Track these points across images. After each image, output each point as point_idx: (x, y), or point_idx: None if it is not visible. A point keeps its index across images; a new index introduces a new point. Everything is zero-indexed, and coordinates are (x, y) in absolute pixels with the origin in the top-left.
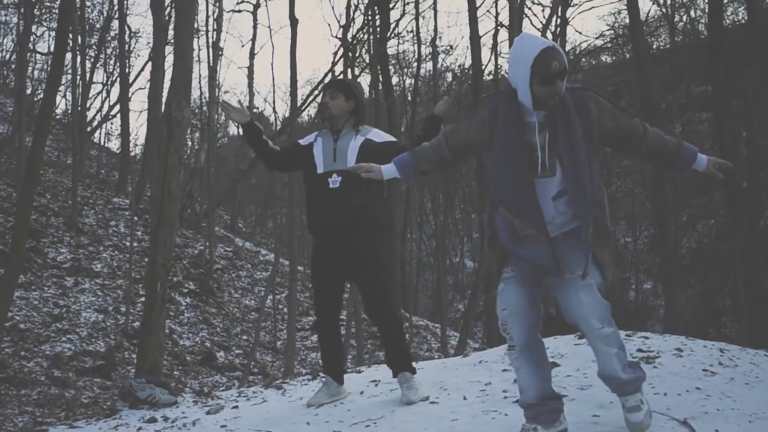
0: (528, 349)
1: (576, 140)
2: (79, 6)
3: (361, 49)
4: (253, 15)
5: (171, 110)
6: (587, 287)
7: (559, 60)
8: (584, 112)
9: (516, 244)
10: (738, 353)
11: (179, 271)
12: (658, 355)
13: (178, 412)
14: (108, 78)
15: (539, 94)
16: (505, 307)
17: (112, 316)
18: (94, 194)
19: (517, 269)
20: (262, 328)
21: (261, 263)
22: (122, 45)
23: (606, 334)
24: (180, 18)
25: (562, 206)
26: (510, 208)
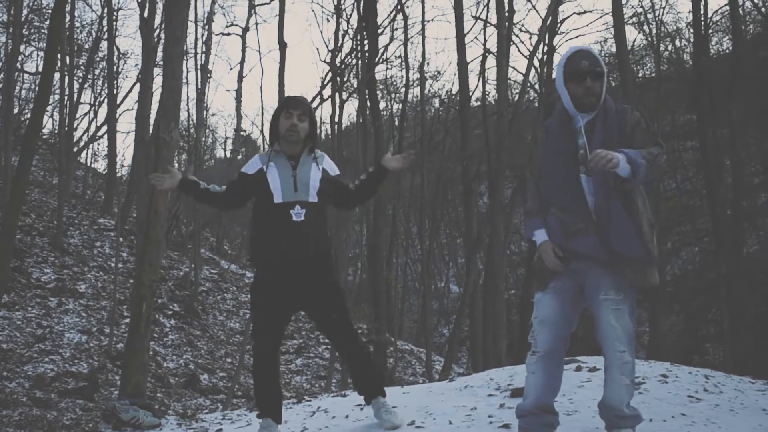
0: (547, 358)
1: (610, 141)
2: (68, 27)
3: (350, 74)
4: (242, 38)
5: (159, 132)
6: (617, 311)
7: (589, 59)
8: (622, 118)
9: (567, 238)
10: (723, 380)
11: (164, 293)
12: (644, 381)
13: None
14: (96, 99)
15: (574, 93)
16: (537, 316)
17: (95, 337)
18: (80, 215)
19: (557, 284)
20: (247, 351)
21: (246, 286)
22: (110, 66)
23: (626, 361)
24: (170, 41)
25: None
26: (560, 205)
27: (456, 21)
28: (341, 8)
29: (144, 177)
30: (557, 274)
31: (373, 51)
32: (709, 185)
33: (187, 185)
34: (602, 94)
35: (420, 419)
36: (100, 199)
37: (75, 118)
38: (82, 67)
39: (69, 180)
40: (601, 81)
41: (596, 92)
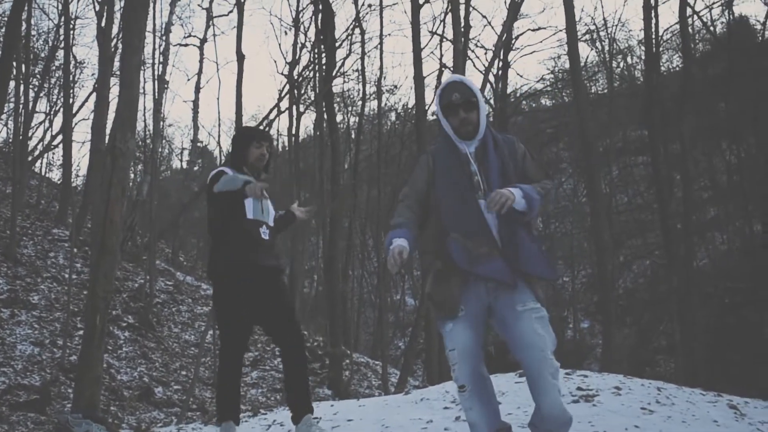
0: (477, 388)
1: (505, 167)
2: (25, 35)
3: (307, 87)
4: (200, 49)
5: (116, 141)
6: (541, 319)
7: (461, 91)
8: (511, 147)
9: (472, 263)
10: (675, 392)
11: (118, 305)
12: (597, 394)
13: None
14: (51, 108)
15: (452, 124)
16: (453, 347)
17: (48, 350)
18: (33, 224)
19: (467, 309)
20: (202, 363)
21: (202, 298)
22: (67, 75)
23: (556, 367)
24: (127, 50)
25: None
26: (461, 230)
27: (413, 36)
28: (299, 21)
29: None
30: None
31: (331, 64)
32: (660, 200)
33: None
34: (480, 122)
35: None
36: (55, 209)
37: (30, 127)
38: (37, 75)
39: (23, 189)
40: (477, 110)
41: (472, 121)
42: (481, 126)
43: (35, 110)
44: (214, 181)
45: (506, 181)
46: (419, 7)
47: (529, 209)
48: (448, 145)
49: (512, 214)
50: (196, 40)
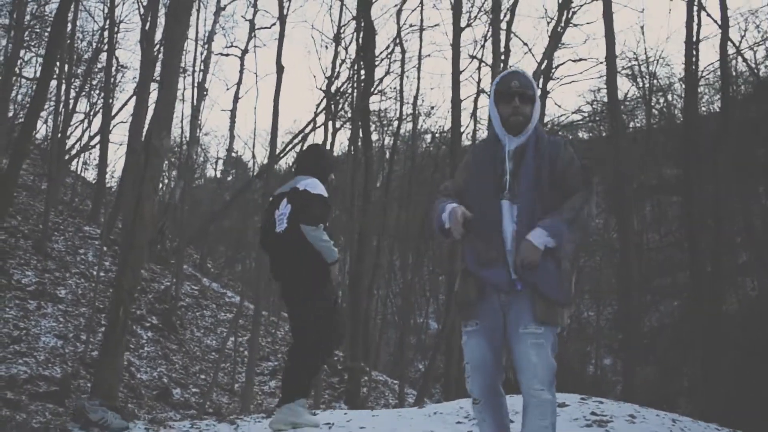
0: (490, 402)
1: (541, 173)
2: (70, 35)
3: (344, 103)
4: (240, 60)
5: (151, 138)
6: (538, 345)
7: (520, 81)
8: (555, 150)
9: (479, 267)
10: (689, 424)
11: (143, 305)
12: (611, 420)
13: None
14: (91, 109)
15: (502, 113)
16: (468, 361)
17: (71, 343)
18: (66, 221)
19: (482, 322)
20: (221, 368)
21: (226, 304)
22: (108, 77)
23: (544, 399)
24: (168, 52)
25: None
26: (476, 231)
27: (453, 58)
28: (340, 37)
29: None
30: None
31: (369, 81)
32: (691, 240)
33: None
34: (532, 119)
35: None
36: (88, 208)
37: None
38: (80, 76)
39: (58, 186)
40: (532, 105)
41: (525, 113)
42: (532, 123)
43: (75, 110)
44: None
45: (538, 186)
46: (461, 31)
47: (558, 244)
48: (490, 139)
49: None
50: (238, 50)
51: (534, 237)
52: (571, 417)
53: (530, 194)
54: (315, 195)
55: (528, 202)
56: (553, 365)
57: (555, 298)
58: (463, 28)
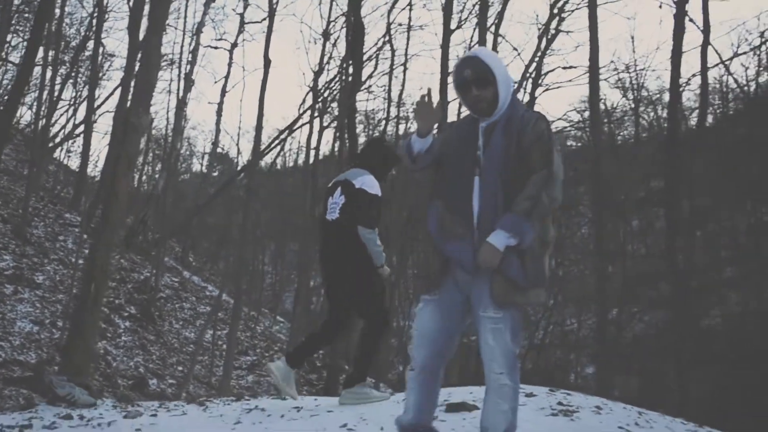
0: (425, 374)
1: (508, 150)
2: (58, 21)
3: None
4: (229, 53)
5: (130, 115)
6: (496, 330)
7: (474, 67)
8: (525, 127)
9: (443, 238)
10: (655, 417)
11: (122, 294)
12: (577, 410)
13: (96, 413)
14: (77, 96)
15: (465, 101)
16: (416, 329)
17: (47, 329)
18: (46, 207)
19: (442, 295)
20: (199, 361)
21: (206, 298)
22: (95, 65)
23: (502, 383)
24: (151, 29)
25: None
26: (447, 202)
27: (442, 59)
28: (329, 33)
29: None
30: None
31: (357, 78)
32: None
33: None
34: (499, 98)
35: (353, 423)
36: (69, 196)
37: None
38: (67, 63)
39: (40, 173)
40: (494, 86)
41: (486, 98)
42: (500, 102)
43: (60, 98)
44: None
45: (505, 163)
46: (450, 32)
47: (521, 240)
48: (471, 118)
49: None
50: (227, 43)
51: (494, 239)
52: (537, 406)
53: (495, 172)
54: (372, 195)
55: (492, 180)
56: (512, 350)
57: (515, 279)
58: (453, 30)
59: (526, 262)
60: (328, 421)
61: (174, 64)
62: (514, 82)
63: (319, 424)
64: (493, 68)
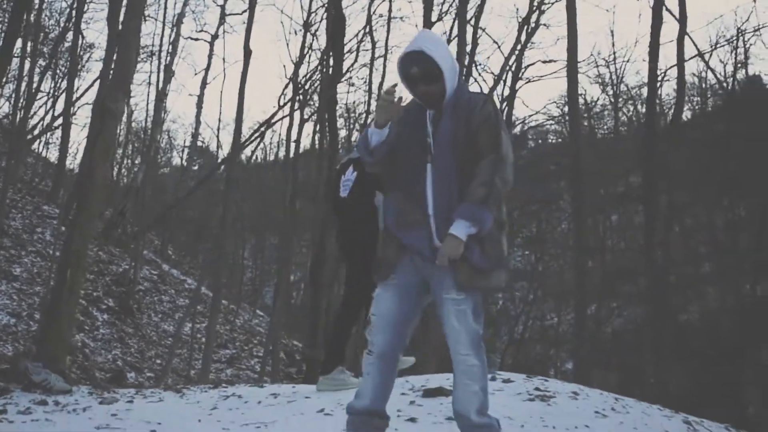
0: (382, 360)
1: (457, 135)
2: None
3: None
4: (210, 45)
5: (107, 100)
6: (459, 311)
7: (419, 65)
8: (472, 111)
9: (400, 228)
10: (632, 403)
11: (100, 287)
12: (554, 396)
13: (71, 399)
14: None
15: (412, 94)
16: (375, 313)
17: (24, 322)
18: (24, 198)
19: (399, 278)
20: (177, 354)
21: (185, 291)
22: (74, 56)
23: (470, 364)
24: (129, 13)
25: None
26: (401, 191)
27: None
28: (310, 23)
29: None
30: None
31: (337, 69)
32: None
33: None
34: (447, 89)
35: (330, 408)
36: (48, 188)
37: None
38: (45, 54)
39: (18, 165)
40: (440, 81)
41: (433, 93)
42: (447, 93)
43: (39, 89)
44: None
45: (455, 149)
46: (431, 25)
47: (481, 227)
48: (417, 102)
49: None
50: (207, 35)
51: (456, 230)
52: (514, 392)
53: (446, 158)
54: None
55: (444, 166)
56: (476, 330)
57: (477, 264)
58: (434, 22)
59: (486, 246)
60: (306, 407)
61: (154, 55)
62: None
63: (297, 409)
64: (439, 63)
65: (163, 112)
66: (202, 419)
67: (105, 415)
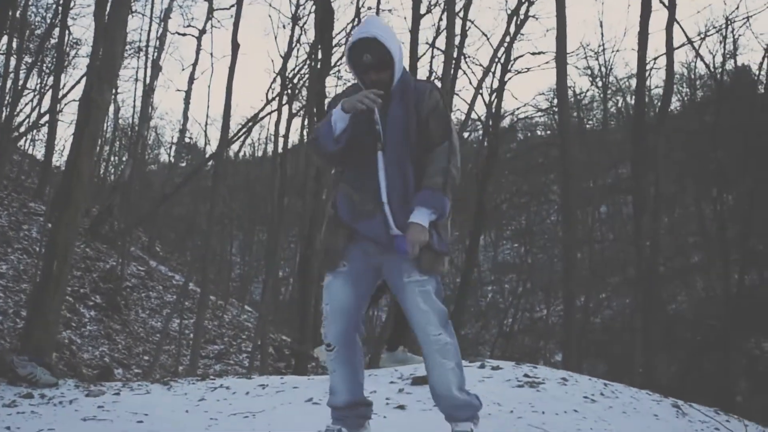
0: (344, 350)
1: (407, 120)
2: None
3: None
4: (197, 40)
5: (92, 93)
6: (424, 293)
7: (372, 52)
8: (420, 97)
9: (354, 218)
10: (621, 389)
11: (87, 283)
12: (543, 382)
13: (57, 392)
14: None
15: (359, 81)
16: (328, 303)
17: (11, 319)
18: (10, 195)
19: (350, 265)
20: (165, 351)
21: (173, 287)
22: (60, 53)
23: (444, 343)
24: (115, 3)
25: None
26: (352, 181)
27: (411, 44)
28: (298, 16)
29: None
30: (349, 250)
31: (326, 63)
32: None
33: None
34: (394, 77)
35: (318, 398)
36: (34, 186)
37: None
38: (32, 51)
39: (4, 162)
40: (390, 69)
41: (383, 81)
42: (394, 82)
43: (26, 87)
44: None
45: (407, 136)
46: (420, 17)
47: (442, 214)
48: (358, 88)
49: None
50: (195, 30)
51: (419, 218)
52: (503, 378)
53: (398, 145)
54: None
55: (396, 153)
56: (443, 309)
57: (439, 250)
58: (422, 15)
59: (440, 232)
60: (294, 397)
61: (141, 51)
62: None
63: (285, 399)
64: (392, 51)
65: (150, 107)
66: (189, 410)
67: (92, 407)
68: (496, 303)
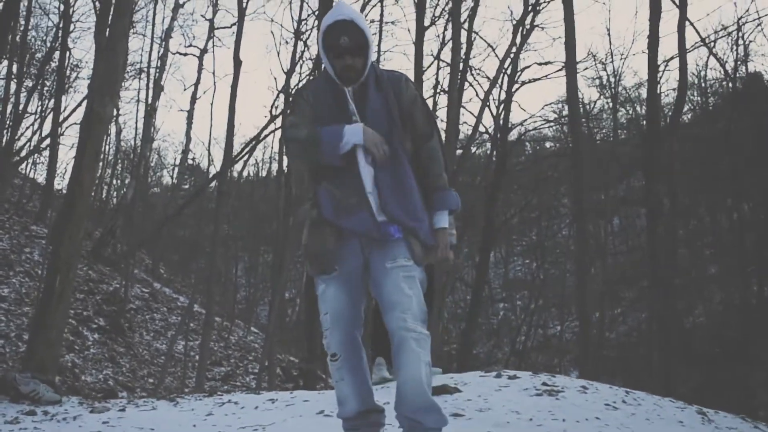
0: (349, 357)
1: (390, 107)
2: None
3: None
4: (199, 60)
5: (94, 105)
6: (410, 278)
7: (349, 35)
8: (397, 86)
9: (338, 215)
10: (643, 396)
11: (90, 306)
12: (563, 390)
13: (60, 410)
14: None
15: (335, 66)
16: (327, 312)
17: (13, 343)
18: (11, 218)
19: (342, 268)
20: (170, 373)
21: (177, 308)
22: (61, 76)
23: (421, 332)
24: (116, 14)
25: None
26: (332, 179)
27: (416, 56)
28: (300, 31)
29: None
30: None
31: None
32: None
33: None
34: (366, 65)
35: (330, 410)
36: (36, 209)
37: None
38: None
39: (6, 186)
40: (365, 55)
41: (356, 67)
42: (367, 68)
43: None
44: None
45: (391, 124)
46: (424, 29)
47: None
48: (328, 81)
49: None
50: (196, 50)
51: (443, 222)
52: (521, 387)
53: (384, 134)
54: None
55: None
56: (425, 309)
57: (426, 240)
58: (427, 27)
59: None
60: (305, 410)
61: (143, 72)
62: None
63: (295, 412)
64: (367, 35)
65: (152, 128)
66: (197, 424)
67: (96, 423)
68: (508, 320)
